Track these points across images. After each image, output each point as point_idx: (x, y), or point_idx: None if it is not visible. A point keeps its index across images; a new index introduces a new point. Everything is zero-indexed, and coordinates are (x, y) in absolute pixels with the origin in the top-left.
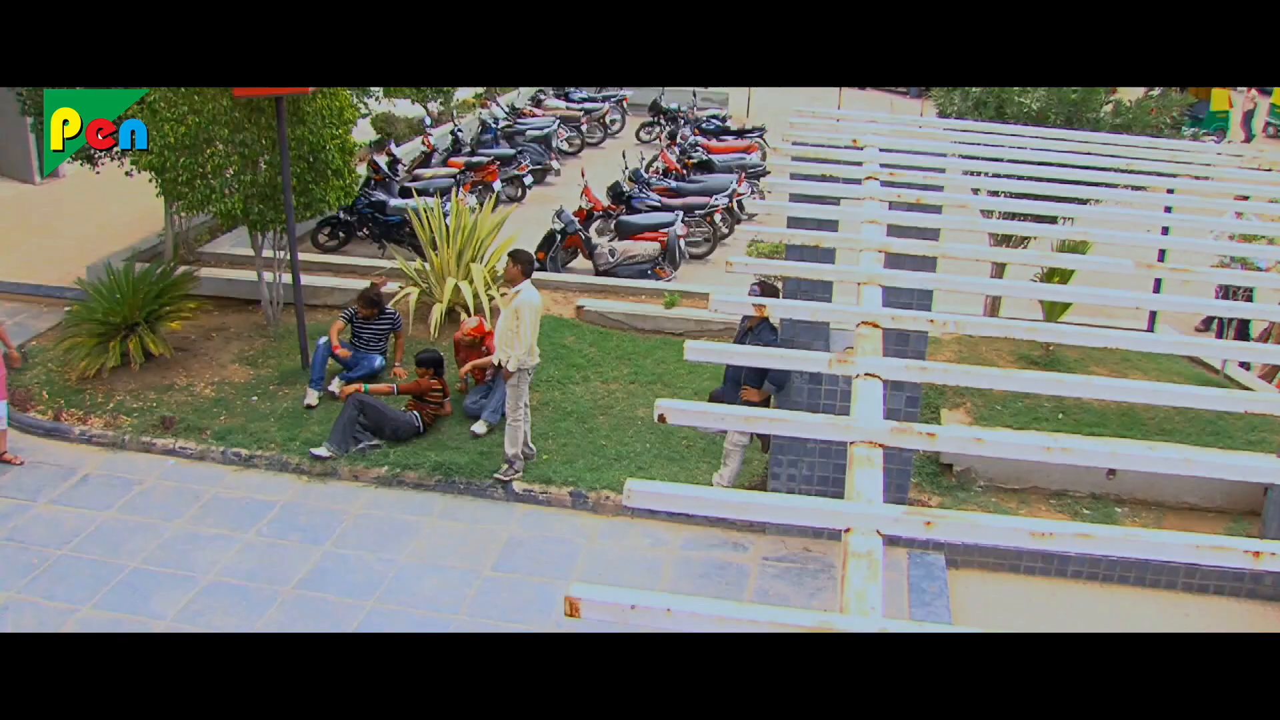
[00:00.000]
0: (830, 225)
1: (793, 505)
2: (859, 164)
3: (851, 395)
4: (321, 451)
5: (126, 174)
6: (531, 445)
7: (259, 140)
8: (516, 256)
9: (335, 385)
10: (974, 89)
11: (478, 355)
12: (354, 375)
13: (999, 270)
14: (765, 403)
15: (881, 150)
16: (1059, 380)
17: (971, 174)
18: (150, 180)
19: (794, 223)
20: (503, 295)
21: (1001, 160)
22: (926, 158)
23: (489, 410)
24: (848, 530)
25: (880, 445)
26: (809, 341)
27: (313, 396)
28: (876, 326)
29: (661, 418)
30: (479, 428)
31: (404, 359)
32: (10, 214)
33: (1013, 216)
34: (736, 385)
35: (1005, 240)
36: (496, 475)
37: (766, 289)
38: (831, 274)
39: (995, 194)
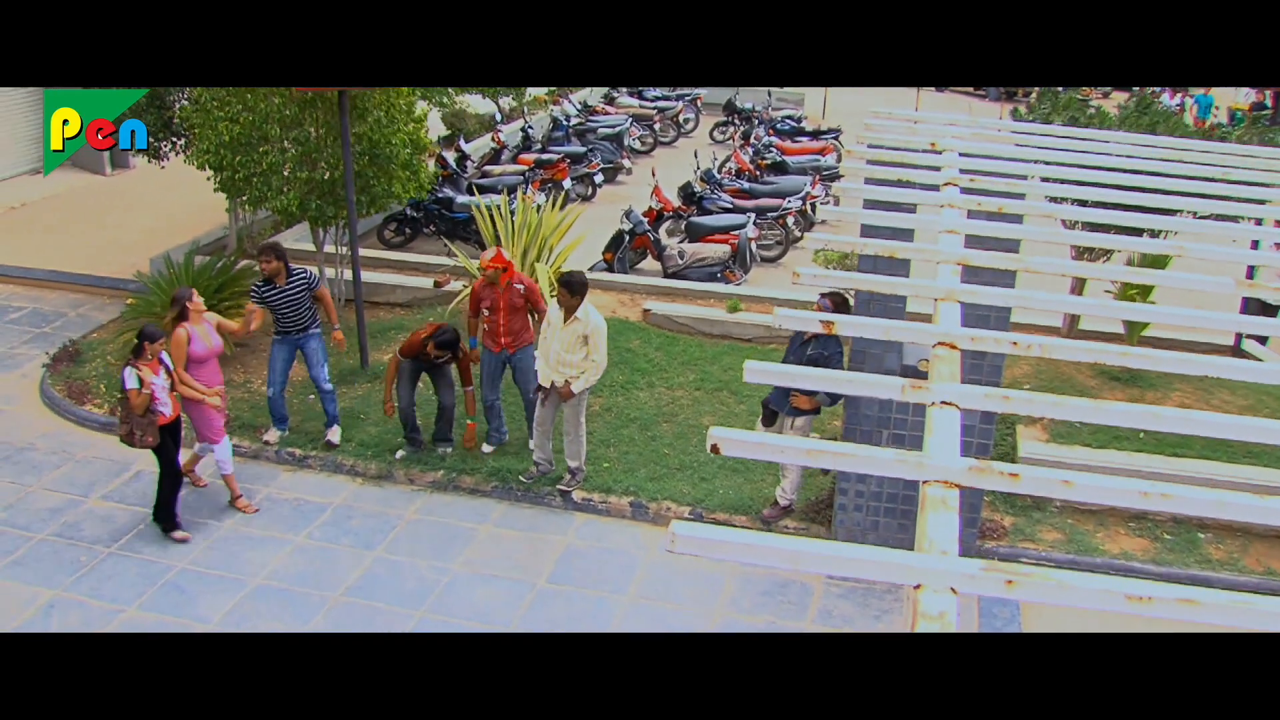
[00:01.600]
0: (905, 233)
1: (857, 556)
2: (937, 169)
3: (925, 425)
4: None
5: (200, 168)
6: (553, 461)
7: (317, 136)
8: (570, 286)
9: (335, 435)
10: (1066, 114)
11: (509, 295)
12: (317, 373)
13: (1079, 285)
14: (816, 410)
15: (961, 155)
16: (1154, 414)
17: (1054, 181)
18: (208, 178)
19: (867, 231)
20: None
21: (1086, 167)
22: (1008, 163)
23: (494, 430)
24: (918, 587)
25: (957, 486)
26: (880, 353)
27: (274, 435)
28: (955, 348)
29: (714, 448)
30: (486, 448)
31: (339, 322)
32: (80, 204)
33: (1095, 227)
34: (785, 390)
35: (1087, 253)
36: (560, 485)
37: (837, 301)
38: (907, 288)
39: (1080, 203)
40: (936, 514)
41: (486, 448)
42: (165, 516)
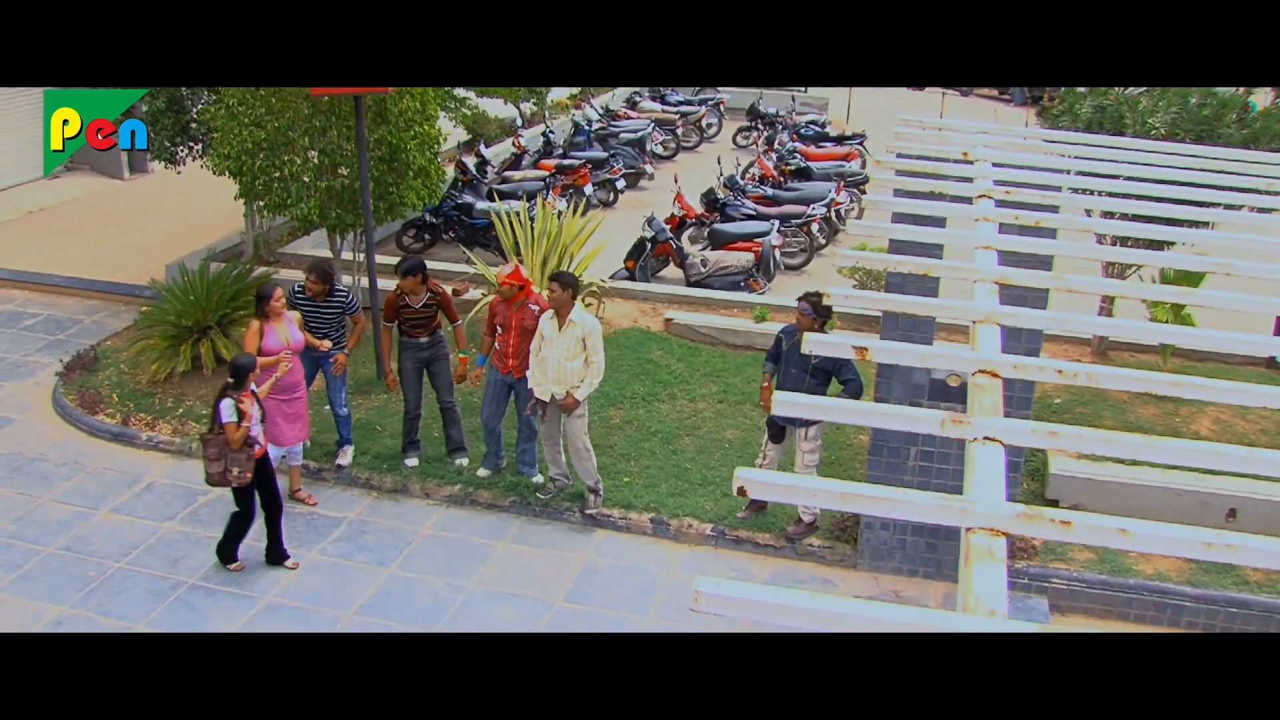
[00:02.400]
0: (937, 248)
1: (896, 618)
2: (969, 179)
3: (966, 461)
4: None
5: (216, 173)
6: (570, 475)
7: (339, 145)
8: (563, 280)
9: (346, 457)
10: (1090, 101)
11: (521, 315)
12: (334, 396)
13: (1109, 299)
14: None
15: (994, 165)
16: (1217, 452)
17: (1091, 193)
18: (230, 181)
19: (897, 246)
20: (554, 321)
21: (1123, 178)
22: (1043, 174)
23: (490, 454)
24: None
25: (1004, 534)
26: (908, 366)
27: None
28: (996, 376)
29: (741, 491)
30: (482, 472)
31: (350, 350)
32: (97, 209)
33: (1126, 242)
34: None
35: (1123, 269)
36: (588, 510)
37: (815, 302)
38: (943, 310)
39: (1121, 216)
40: (983, 566)
41: (482, 471)
42: (229, 554)
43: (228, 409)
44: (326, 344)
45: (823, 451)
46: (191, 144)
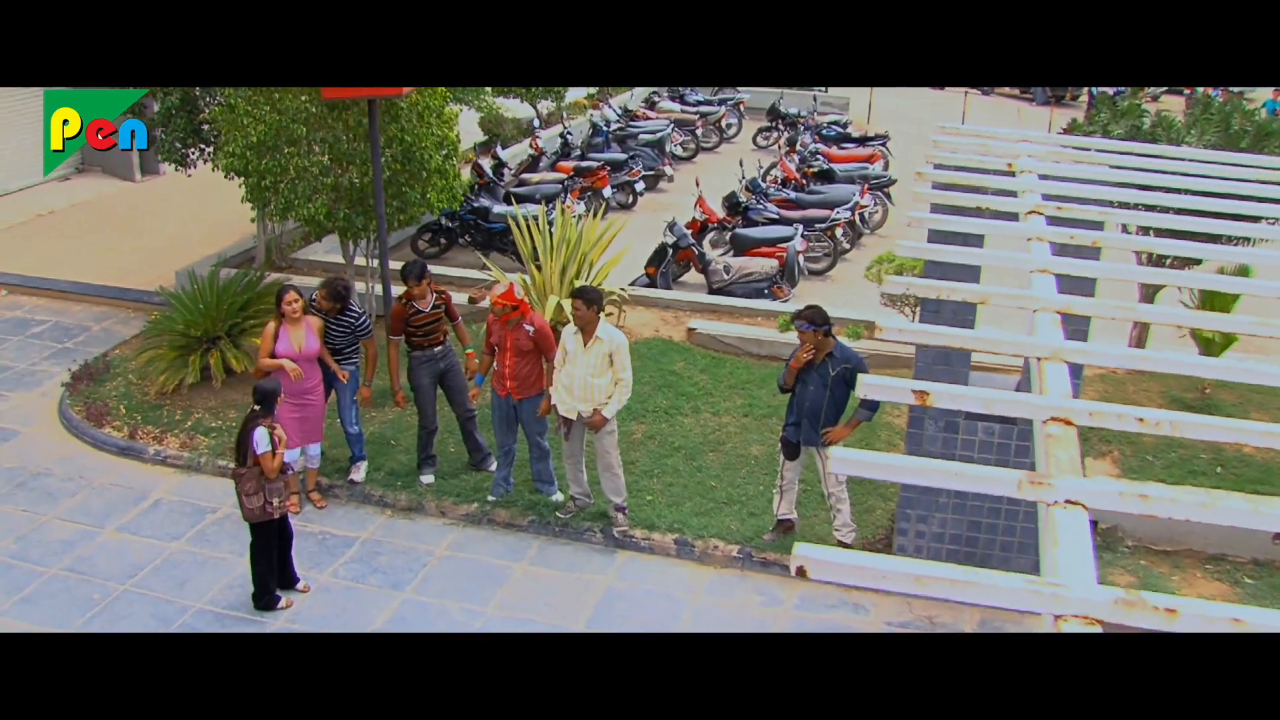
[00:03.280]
0: (974, 268)
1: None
2: (1013, 193)
3: (1046, 529)
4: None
5: (226, 176)
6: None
7: (346, 139)
8: (586, 296)
9: (359, 473)
10: (1126, 120)
11: (516, 335)
12: (344, 415)
13: (1149, 296)
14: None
15: (1041, 178)
16: None
17: (1144, 208)
18: (239, 185)
19: (933, 268)
20: (578, 335)
21: (1184, 192)
22: (1092, 187)
23: (500, 480)
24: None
25: (1099, 622)
26: (948, 377)
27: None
28: (1070, 424)
29: (801, 570)
30: (491, 497)
31: (370, 380)
32: (108, 212)
33: (1169, 262)
34: (815, 420)
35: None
36: (615, 530)
37: (811, 317)
38: (1009, 346)
39: (1171, 234)
40: None
41: (491, 496)
42: (271, 600)
43: (262, 439)
44: (345, 374)
45: None
46: (203, 146)
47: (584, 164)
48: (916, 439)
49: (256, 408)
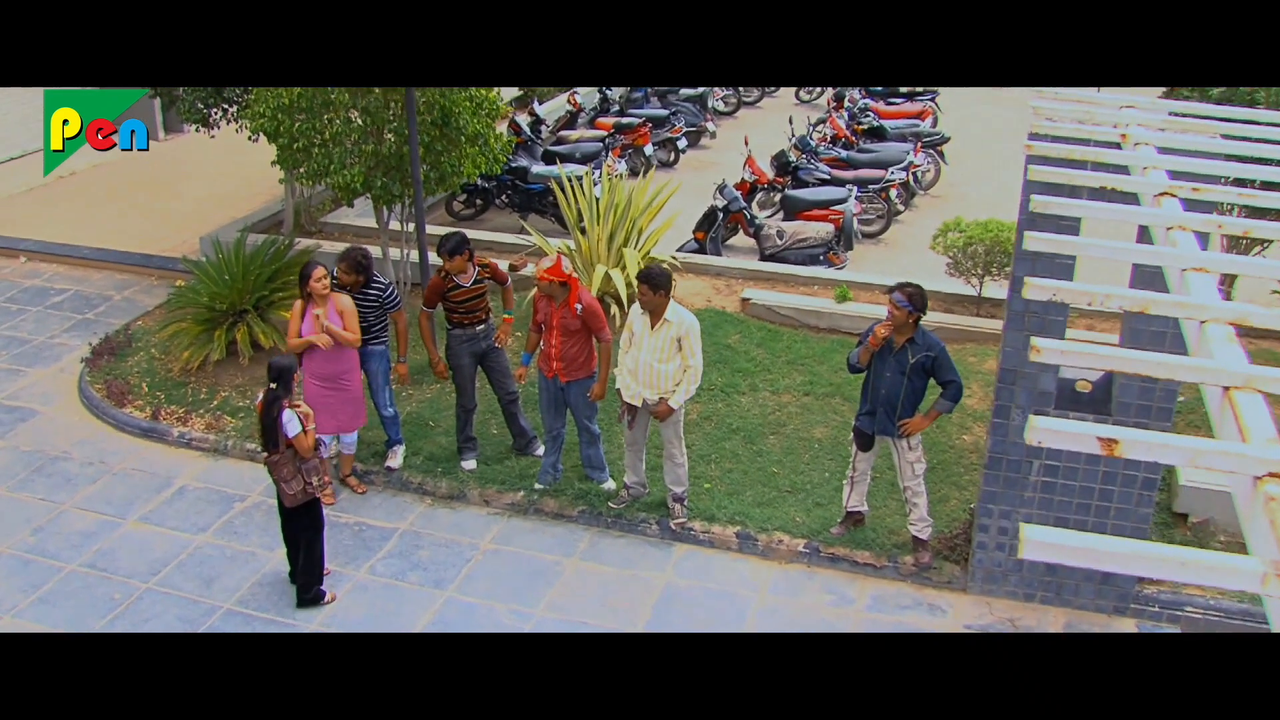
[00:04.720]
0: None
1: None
2: (1124, 169)
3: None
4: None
5: (250, 138)
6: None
7: (384, 105)
8: (653, 281)
9: (396, 459)
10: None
11: (562, 313)
12: (378, 398)
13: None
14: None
15: (1160, 151)
16: None
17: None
18: (269, 146)
19: (1028, 255)
20: (647, 320)
21: None
22: (1227, 164)
23: (548, 467)
24: None
25: None
26: (1034, 373)
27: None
28: None
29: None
30: (538, 486)
31: (406, 355)
32: (131, 173)
33: None
34: (890, 411)
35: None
36: (674, 521)
37: (911, 293)
38: (1189, 373)
39: None
40: None
41: (538, 485)
42: (315, 595)
43: (291, 421)
44: (347, 335)
45: (926, 457)
46: (226, 105)
47: (624, 120)
48: (1002, 429)
49: (274, 385)
